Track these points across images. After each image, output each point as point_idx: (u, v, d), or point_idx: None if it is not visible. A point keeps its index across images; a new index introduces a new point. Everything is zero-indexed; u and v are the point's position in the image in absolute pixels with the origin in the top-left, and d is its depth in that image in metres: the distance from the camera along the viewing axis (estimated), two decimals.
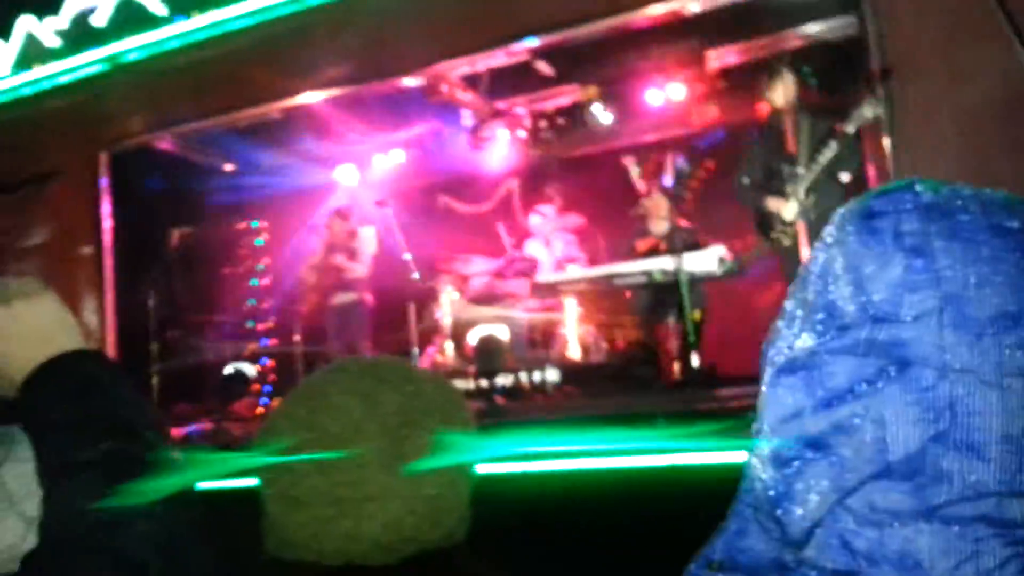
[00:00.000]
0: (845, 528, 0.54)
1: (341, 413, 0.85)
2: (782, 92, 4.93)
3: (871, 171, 4.83)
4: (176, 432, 5.02)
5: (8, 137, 7.00)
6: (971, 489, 0.52)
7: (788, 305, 0.66)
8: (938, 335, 0.54)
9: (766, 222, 4.92)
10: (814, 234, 4.66)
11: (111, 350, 6.40)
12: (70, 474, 0.86)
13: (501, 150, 7.44)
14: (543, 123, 7.22)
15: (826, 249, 0.63)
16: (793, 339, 0.62)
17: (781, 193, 4.80)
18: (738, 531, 0.64)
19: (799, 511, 0.56)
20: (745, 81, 6.59)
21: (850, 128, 4.48)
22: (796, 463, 0.57)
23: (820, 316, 0.61)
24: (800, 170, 4.74)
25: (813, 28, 6.11)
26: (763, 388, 0.64)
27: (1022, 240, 0.57)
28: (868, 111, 4.36)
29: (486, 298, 6.30)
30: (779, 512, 0.58)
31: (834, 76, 5.71)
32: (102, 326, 6.45)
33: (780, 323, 0.66)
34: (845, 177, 4.76)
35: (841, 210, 0.65)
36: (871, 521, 0.54)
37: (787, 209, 4.75)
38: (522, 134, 7.42)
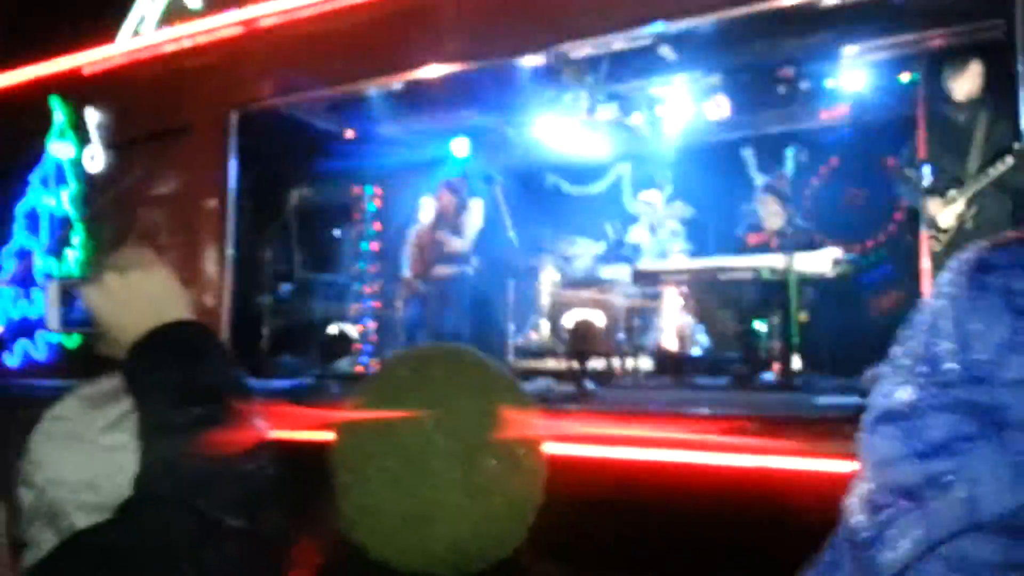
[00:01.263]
0: (936, 573, 0.54)
1: (416, 427, 0.85)
2: (967, 82, 4.54)
3: None
4: (280, 384, 5.25)
5: (148, 91, 7.40)
6: None
7: (897, 351, 0.64)
8: None
9: (919, 223, 4.63)
10: (959, 244, 4.41)
11: (227, 301, 6.73)
12: (164, 433, 0.93)
13: (615, 134, 7.36)
14: (661, 109, 7.10)
15: (939, 298, 0.61)
16: (895, 388, 0.61)
17: (943, 194, 4.49)
18: (832, 562, 0.64)
19: (890, 555, 0.56)
20: (876, 78, 6.30)
21: None
22: (889, 510, 0.57)
23: (924, 369, 0.60)
24: (967, 175, 4.41)
25: (958, 29, 5.73)
26: (862, 433, 0.64)
27: None
28: None
29: (585, 282, 6.27)
30: (869, 553, 0.58)
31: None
32: (220, 277, 6.79)
33: (887, 367, 0.65)
34: (1010, 193, 4.40)
35: (960, 257, 0.62)
36: (962, 569, 0.53)
37: (944, 214, 4.45)
38: (638, 119, 7.32)
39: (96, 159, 7.72)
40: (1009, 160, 4.23)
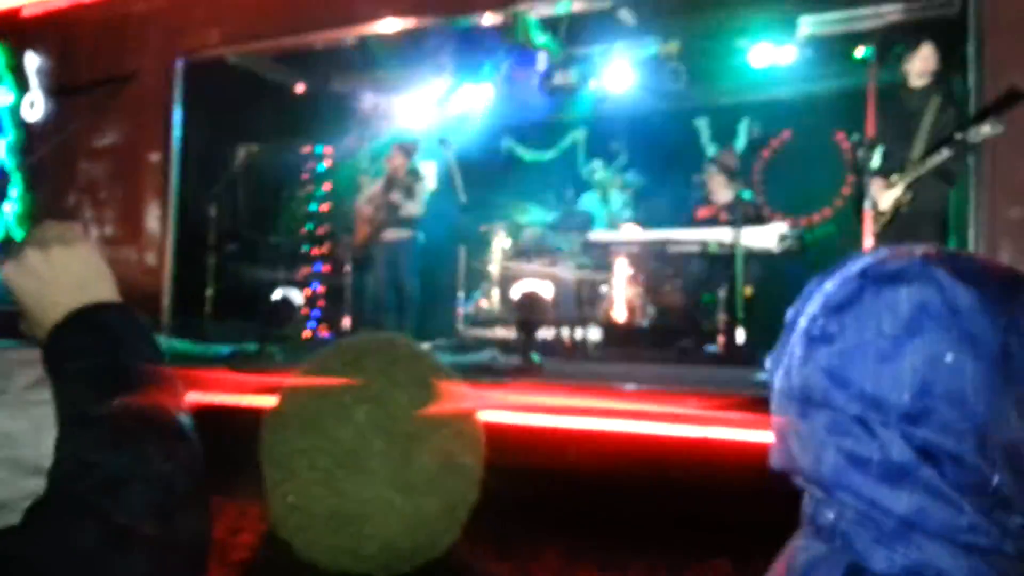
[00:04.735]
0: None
1: (349, 422, 0.83)
2: (919, 65, 4.60)
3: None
4: (223, 349, 5.18)
5: (90, 38, 7.11)
6: None
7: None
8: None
9: (862, 200, 4.73)
10: (895, 227, 4.50)
11: (169, 260, 6.57)
12: (80, 426, 0.89)
13: (571, 98, 7.28)
14: (618, 75, 7.03)
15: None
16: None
17: (887, 177, 4.57)
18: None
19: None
20: (836, 51, 6.30)
21: (969, 139, 4.25)
22: None
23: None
24: (911, 160, 4.51)
25: (912, 5, 5.74)
26: None
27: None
28: (989, 128, 4.13)
29: (536, 251, 6.24)
30: None
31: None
32: (163, 234, 6.62)
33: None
34: (948, 181, 4.53)
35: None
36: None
37: (886, 197, 4.54)
38: (595, 84, 7.25)
39: (35, 106, 7.41)
40: (946, 152, 4.32)
